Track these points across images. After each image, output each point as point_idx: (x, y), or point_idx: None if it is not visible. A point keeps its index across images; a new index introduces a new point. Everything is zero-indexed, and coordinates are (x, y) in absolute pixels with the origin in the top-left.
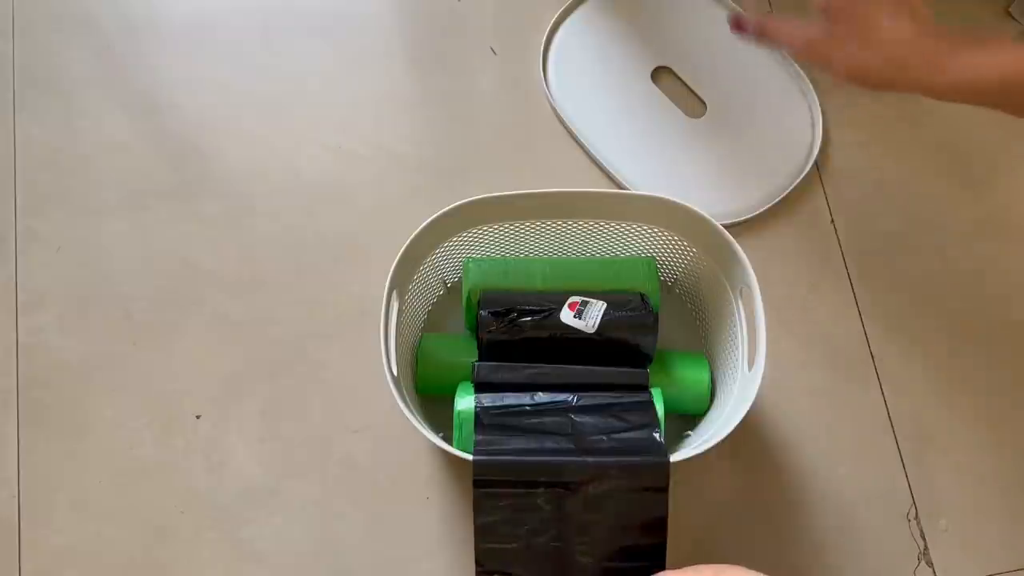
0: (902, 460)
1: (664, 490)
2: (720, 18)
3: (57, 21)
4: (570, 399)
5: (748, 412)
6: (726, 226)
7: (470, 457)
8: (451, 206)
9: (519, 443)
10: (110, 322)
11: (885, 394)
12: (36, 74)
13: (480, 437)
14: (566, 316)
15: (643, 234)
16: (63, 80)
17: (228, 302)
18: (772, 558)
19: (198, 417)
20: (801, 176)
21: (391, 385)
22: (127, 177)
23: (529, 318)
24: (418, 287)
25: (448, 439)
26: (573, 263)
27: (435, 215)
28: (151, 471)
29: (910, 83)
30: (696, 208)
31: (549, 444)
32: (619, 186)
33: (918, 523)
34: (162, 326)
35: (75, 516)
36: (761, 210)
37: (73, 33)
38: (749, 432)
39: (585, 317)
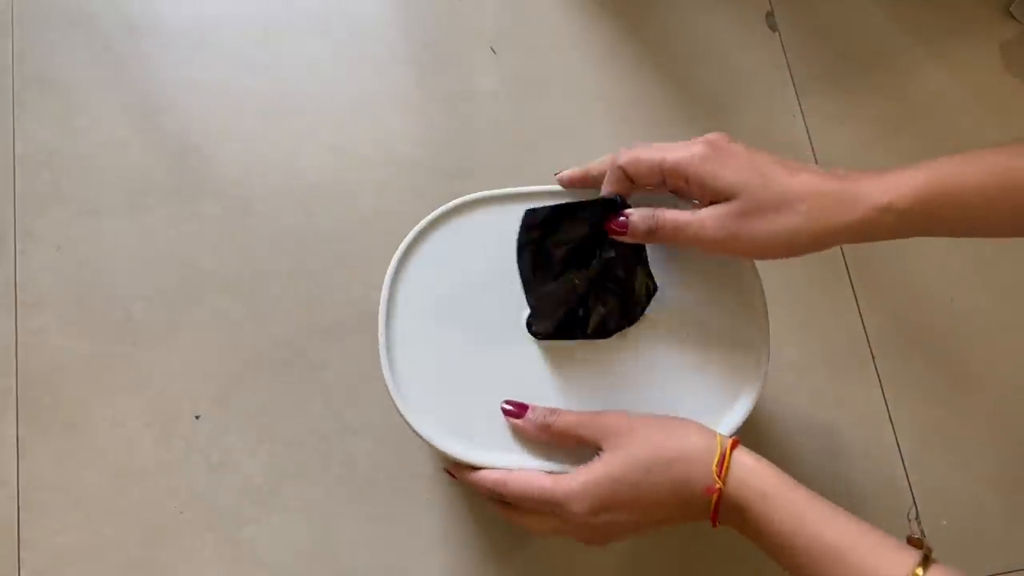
0: (902, 460)
1: None
2: None
3: (57, 20)
4: None
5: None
6: None
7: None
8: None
9: None
10: (110, 322)
11: (885, 394)
12: (36, 74)
13: None
14: None
15: None
16: (63, 80)
17: (228, 302)
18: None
19: (198, 417)
20: None
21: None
22: (127, 177)
23: None
24: None
25: None
26: None
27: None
28: (151, 471)
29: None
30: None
31: None
32: None
33: (918, 523)
34: (162, 326)
35: (75, 516)
36: None
37: (73, 33)
38: (748, 432)
39: None
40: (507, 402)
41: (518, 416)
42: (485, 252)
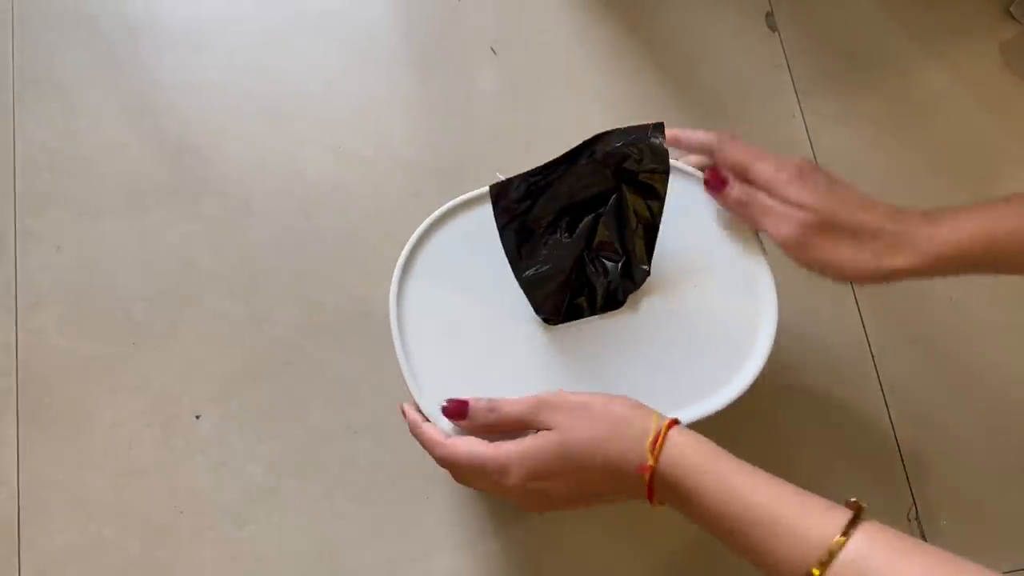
0: (902, 460)
1: None
2: None
3: (56, 22)
4: None
5: (746, 412)
6: None
7: None
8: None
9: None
10: (110, 322)
11: (885, 394)
12: (36, 74)
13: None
14: None
15: None
16: (63, 80)
17: (228, 302)
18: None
19: (198, 417)
20: None
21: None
22: (127, 177)
23: None
24: None
25: None
26: None
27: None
28: (151, 471)
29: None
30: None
31: None
32: None
33: (918, 523)
34: (162, 326)
35: (75, 516)
36: None
37: (73, 33)
38: (748, 432)
39: None
40: (447, 401)
41: (461, 417)
42: (494, 246)
